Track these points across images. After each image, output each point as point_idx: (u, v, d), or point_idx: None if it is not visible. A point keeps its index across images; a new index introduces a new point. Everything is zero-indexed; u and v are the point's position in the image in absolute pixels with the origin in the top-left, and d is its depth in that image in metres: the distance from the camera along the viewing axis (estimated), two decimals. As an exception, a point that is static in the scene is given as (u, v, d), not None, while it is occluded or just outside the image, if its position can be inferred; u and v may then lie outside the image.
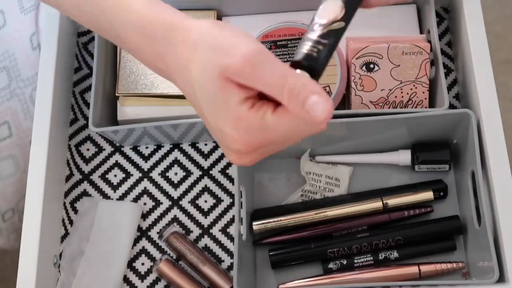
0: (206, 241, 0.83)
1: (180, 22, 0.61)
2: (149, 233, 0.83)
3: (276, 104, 0.58)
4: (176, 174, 0.86)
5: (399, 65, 0.81)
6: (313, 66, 0.59)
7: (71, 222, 0.84)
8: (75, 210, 0.84)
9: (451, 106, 0.86)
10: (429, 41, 0.83)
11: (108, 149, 0.87)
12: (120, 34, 0.64)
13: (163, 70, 0.62)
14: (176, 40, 0.60)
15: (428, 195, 0.80)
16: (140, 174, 0.86)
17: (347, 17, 0.61)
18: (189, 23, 0.60)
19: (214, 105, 0.59)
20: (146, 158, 0.86)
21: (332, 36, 0.60)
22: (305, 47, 0.59)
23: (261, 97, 0.59)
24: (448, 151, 0.81)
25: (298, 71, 0.59)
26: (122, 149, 0.87)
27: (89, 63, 0.91)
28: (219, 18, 0.87)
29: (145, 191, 0.85)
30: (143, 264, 0.82)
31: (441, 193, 0.81)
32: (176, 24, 0.61)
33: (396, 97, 0.82)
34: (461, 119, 0.78)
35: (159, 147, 0.87)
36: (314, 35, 0.60)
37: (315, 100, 0.56)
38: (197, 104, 0.61)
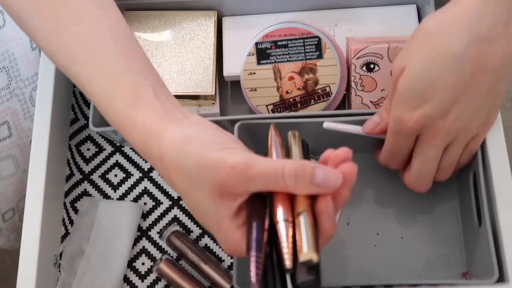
0: (206, 240, 0.83)
1: (157, 132, 0.61)
2: (149, 233, 0.83)
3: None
4: (176, 174, 0.85)
5: (399, 65, 0.81)
6: None
7: (71, 222, 0.84)
8: (76, 210, 0.84)
9: (451, 106, 0.86)
10: (429, 41, 0.83)
11: (109, 149, 0.87)
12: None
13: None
14: (151, 152, 0.62)
15: None
16: (141, 174, 0.86)
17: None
18: (165, 135, 0.61)
19: (204, 216, 0.61)
20: (146, 158, 0.86)
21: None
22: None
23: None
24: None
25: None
26: (122, 149, 0.87)
27: (89, 63, 0.91)
28: (219, 18, 0.87)
29: (146, 191, 0.85)
30: (143, 264, 0.82)
31: None
32: (152, 134, 0.61)
33: (396, 97, 0.82)
34: (461, 119, 0.78)
35: (159, 147, 0.87)
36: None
37: (322, 174, 0.58)
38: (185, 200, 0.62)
